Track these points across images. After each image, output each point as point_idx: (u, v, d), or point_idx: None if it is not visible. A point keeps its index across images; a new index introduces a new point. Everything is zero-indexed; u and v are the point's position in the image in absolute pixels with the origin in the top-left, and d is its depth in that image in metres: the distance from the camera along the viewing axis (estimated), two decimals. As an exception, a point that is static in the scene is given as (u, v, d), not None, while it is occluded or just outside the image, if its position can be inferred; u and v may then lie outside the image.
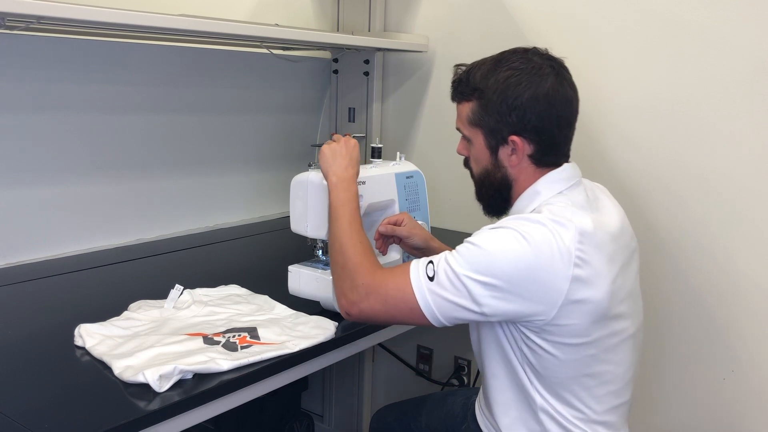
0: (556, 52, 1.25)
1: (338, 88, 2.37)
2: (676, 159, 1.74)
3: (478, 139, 1.26)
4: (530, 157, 1.22)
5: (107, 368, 1.15)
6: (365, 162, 1.57)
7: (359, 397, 2.40)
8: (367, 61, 2.27)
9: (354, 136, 2.27)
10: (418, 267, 1.18)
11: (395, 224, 1.50)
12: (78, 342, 1.25)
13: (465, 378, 2.21)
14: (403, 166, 1.64)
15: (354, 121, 2.34)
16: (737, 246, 1.68)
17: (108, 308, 1.39)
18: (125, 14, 1.37)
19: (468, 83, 1.25)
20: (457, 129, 1.31)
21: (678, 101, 1.73)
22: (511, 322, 1.18)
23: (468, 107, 1.26)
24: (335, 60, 2.36)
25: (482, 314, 1.13)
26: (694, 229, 1.74)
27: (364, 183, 1.48)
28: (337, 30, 2.33)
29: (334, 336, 1.34)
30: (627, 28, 1.78)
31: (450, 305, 1.14)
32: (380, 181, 1.55)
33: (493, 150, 1.25)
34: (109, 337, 1.26)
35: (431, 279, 1.15)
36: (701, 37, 1.68)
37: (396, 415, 1.66)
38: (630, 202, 1.82)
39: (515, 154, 1.22)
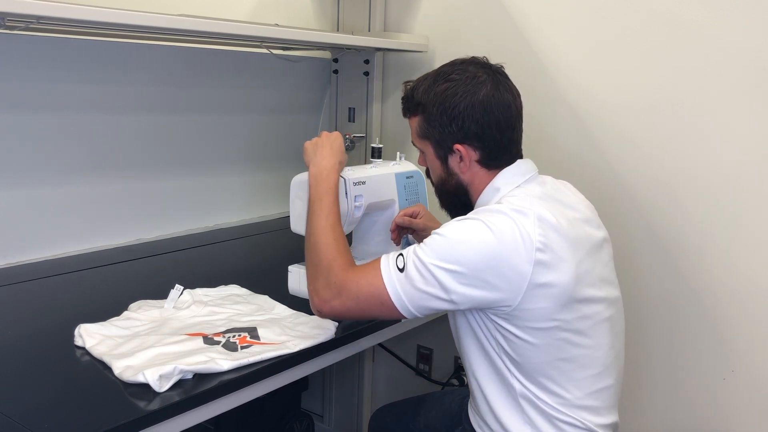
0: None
1: (338, 88, 2.37)
2: (676, 159, 1.74)
3: (429, 151, 1.33)
4: (478, 162, 1.29)
5: (107, 368, 1.16)
6: (365, 162, 1.57)
7: (359, 397, 2.40)
8: (367, 61, 2.26)
9: (354, 136, 2.27)
10: (388, 260, 1.21)
11: (411, 216, 1.53)
12: (78, 342, 1.25)
13: (465, 378, 2.21)
14: (403, 166, 1.64)
15: (354, 121, 2.34)
16: (737, 246, 1.68)
17: (108, 308, 1.40)
18: (125, 14, 1.37)
19: (412, 99, 1.33)
20: (413, 143, 1.37)
21: (679, 102, 1.72)
22: (480, 309, 1.21)
23: (416, 122, 1.33)
24: (335, 60, 2.36)
25: (451, 302, 1.17)
26: (694, 230, 1.74)
27: (364, 183, 1.48)
28: (337, 30, 2.33)
29: (334, 336, 1.34)
30: (627, 28, 1.78)
31: (420, 294, 1.17)
32: (380, 181, 1.55)
33: (443, 160, 1.32)
34: (109, 337, 1.26)
35: (401, 270, 1.18)
36: (702, 38, 1.68)
37: (395, 414, 1.66)
38: (630, 202, 1.82)
39: (463, 161, 1.29)
